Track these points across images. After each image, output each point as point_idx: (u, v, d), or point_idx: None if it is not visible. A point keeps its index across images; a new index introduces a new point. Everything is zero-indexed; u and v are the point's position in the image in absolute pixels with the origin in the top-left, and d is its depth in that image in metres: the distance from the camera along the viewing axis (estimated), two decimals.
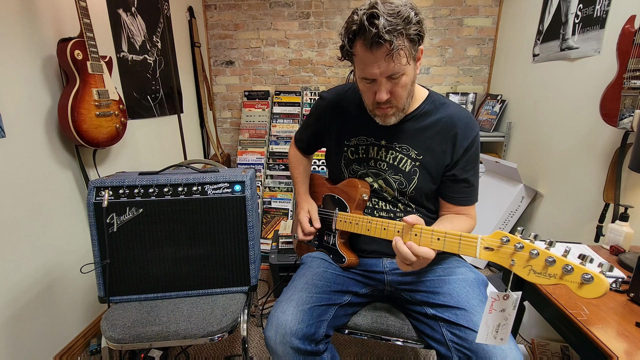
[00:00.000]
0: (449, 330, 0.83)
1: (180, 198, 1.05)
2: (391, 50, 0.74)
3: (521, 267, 0.61)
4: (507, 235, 0.63)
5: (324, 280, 0.94)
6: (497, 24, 2.48)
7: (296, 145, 1.21)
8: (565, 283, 0.55)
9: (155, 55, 1.97)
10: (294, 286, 0.92)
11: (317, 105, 1.09)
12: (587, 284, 0.53)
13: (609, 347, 0.71)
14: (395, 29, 0.73)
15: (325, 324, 0.87)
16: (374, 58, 0.76)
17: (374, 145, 0.98)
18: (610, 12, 1.44)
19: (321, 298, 0.89)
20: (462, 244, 0.71)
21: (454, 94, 2.61)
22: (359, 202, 0.97)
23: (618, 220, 1.16)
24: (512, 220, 2.02)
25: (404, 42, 0.76)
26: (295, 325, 0.82)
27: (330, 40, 2.60)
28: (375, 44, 0.74)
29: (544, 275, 0.58)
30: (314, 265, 0.99)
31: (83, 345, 1.43)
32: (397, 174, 0.95)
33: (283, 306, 0.86)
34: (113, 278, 1.06)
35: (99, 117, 1.32)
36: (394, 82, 0.81)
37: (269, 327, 0.84)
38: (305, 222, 1.03)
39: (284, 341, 0.81)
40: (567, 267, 0.55)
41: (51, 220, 1.30)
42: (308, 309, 0.85)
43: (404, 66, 0.79)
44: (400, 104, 0.86)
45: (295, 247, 1.25)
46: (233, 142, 2.89)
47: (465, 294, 0.86)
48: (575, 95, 1.66)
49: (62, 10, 1.33)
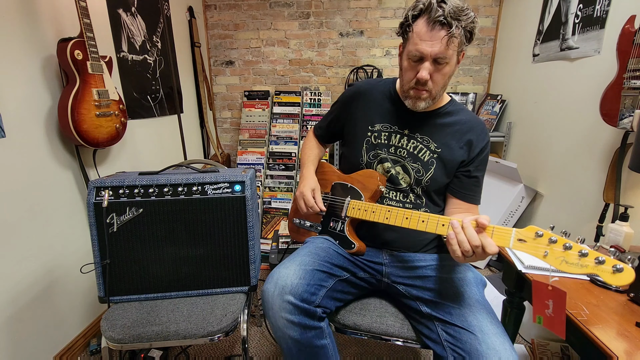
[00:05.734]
0: (445, 330, 0.83)
1: (180, 198, 1.05)
2: (449, 34, 0.81)
3: (554, 257, 0.66)
4: (541, 229, 0.68)
5: (327, 253, 0.96)
6: (497, 24, 2.48)
7: (314, 132, 1.26)
8: (598, 272, 0.62)
9: (155, 55, 1.97)
10: (298, 253, 0.95)
11: (345, 91, 1.14)
12: (618, 273, 0.60)
13: (609, 347, 0.71)
14: (458, 17, 0.81)
15: (324, 290, 0.88)
16: (431, 36, 0.82)
17: (396, 133, 1.01)
18: (610, 12, 1.44)
19: (323, 265, 0.91)
20: (495, 234, 0.72)
21: (454, 94, 2.60)
22: (375, 192, 0.99)
23: (618, 220, 1.15)
24: (512, 220, 2.02)
25: (461, 33, 0.82)
26: (296, 280, 0.82)
27: (330, 40, 2.60)
28: (438, 23, 0.81)
29: (576, 265, 0.64)
30: (318, 242, 1.01)
31: (83, 345, 1.43)
32: (415, 162, 0.99)
33: (285, 264, 0.88)
34: (113, 278, 1.06)
35: (99, 117, 1.32)
36: (438, 67, 0.86)
37: (268, 281, 0.85)
38: (310, 197, 1.04)
39: (282, 293, 0.81)
40: (599, 258, 0.62)
41: (51, 220, 1.30)
42: (310, 270, 0.87)
43: (452, 55, 0.85)
44: (435, 90, 0.90)
45: (290, 232, 1.22)
46: (233, 142, 2.89)
47: (463, 293, 0.86)
48: (575, 95, 1.66)
49: (62, 10, 1.33)
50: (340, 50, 2.62)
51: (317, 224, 1.11)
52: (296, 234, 1.19)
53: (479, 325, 0.78)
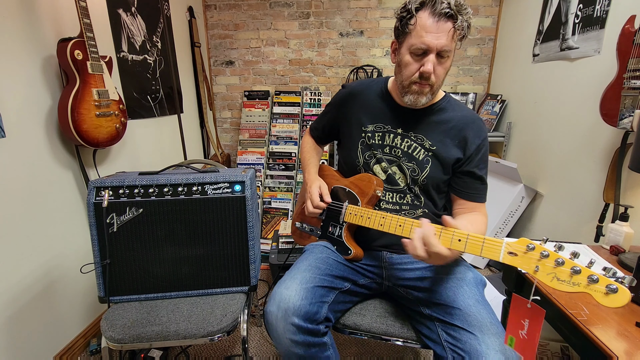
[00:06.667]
0: (444, 331, 0.83)
1: (180, 198, 1.05)
2: (455, 26, 0.81)
3: (545, 273, 0.63)
4: (532, 242, 0.65)
5: (327, 264, 0.95)
6: (497, 24, 2.48)
7: (311, 133, 1.25)
8: (590, 292, 0.58)
9: (155, 55, 1.97)
10: (297, 267, 0.93)
11: (338, 93, 1.13)
12: (612, 293, 0.56)
13: (609, 347, 0.71)
14: (461, 11, 0.81)
15: (326, 306, 0.87)
16: (437, 28, 0.81)
17: (390, 133, 1.00)
18: (610, 12, 1.44)
19: (324, 280, 0.90)
20: (485, 247, 0.71)
21: (454, 94, 2.60)
22: (372, 197, 0.98)
23: (618, 220, 1.15)
24: (512, 220, 2.02)
25: (463, 25, 0.83)
26: (299, 302, 0.81)
27: (330, 40, 2.60)
28: (444, 15, 0.80)
29: (567, 283, 0.60)
30: (317, 251, 1.00)
31: (83, 345, 1.43)
32: (410, 162, 0.98)
33: (287, 283, 0.86)
34: (113, 278, 1.06)
35: (99, 117, 1.32)
36: (440, 60, 0.86)
37: (271, 303, 0.84)
38: (316, 195, 1.03)
39: (286, 316, 0.80)
40: (592, 277, 0.57)
41: (51, 220, 1.30)
42: (311, 288, 0.85)
43: (453, 49, 0.85)
44: (436, 84, 0.89)
45: (293, 235, 1.22)
46: (233, 142, 2.89)
47: (462, 293, 0.86)
48: (575, 95, 1.66)
49: (62, 10, 1.33)
50: (340, 50, 2.62)
51: (317, 229, 1.10)
52: (299, 237, 1.19)
53: (478, 325, 0.78)
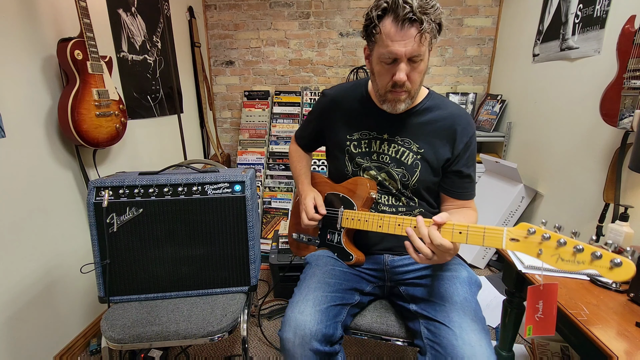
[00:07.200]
0: (426, 327, 0.83)
1: (180, 198, 1.05)
2: (421, 31, 0.76)
3: (549, 255, 0.63)
4: (533, 226, 0.65)
5: (335, 278, 0.94)
6: (497, 24, 2.48)
7: (297, 142, 1.22)
8: (594, 268, 0.58)
9: (155, 55, 1.97)
10: (307, 285, 0.90)
11: (319, 102, 1.09)
12: (616, 267, 0.56)
13: (609, 347, 0.71)
14: (426, 11, 0.75)
15: (340, 324, 0.86)
16: (402, 35, 0.77)
17: (376, 139, 0.98)
18: (610, 12, 1.44)
19: (335, 297, 0.88)
20: (486, 236, 0.71)
21: (454, 94, 2.61)
22: (366, 200, 0.97)
23: (618, 220, 1.15)
24: (512, 220, 2.02)
25: (432, 27, 0.78)
26: (315, 326, 0.79)
27: (330, 40, 2.60)
28: (408, 21, 0.75)
29: (572, 262, 0.60)
30: (322, 264, 0.99)
31: (83, 345, 1.43)
32: (399, 167, 0.96)
33: (300, 307, 0.83)
34: (113, 278, 1.06)
35: (99, 117, 1.32)
36: (413, 66, 0.82)
37: (286, 329, 0.81)
38: (311, 208, 1.01)
39: (304, 343, 0.78)
40: (596, 253, 0.58)
41: (51, 220, 1.30)
42: (325, 309, 0.83)
43: (425, 52, 0.80)
44: (413, 90, 0.86)
45: (291, 247, 1.21)
46: (233, 142, 2.89)
47: (453, 290, 0.86)
48: (575, 95, 1.66)
49: (62, 10, 1.33)
50: (340, 50, 2.62)
51: (315, 238, 1.09)
52: (296, 248, 1.17)
53: (459, 321, 0.77)
